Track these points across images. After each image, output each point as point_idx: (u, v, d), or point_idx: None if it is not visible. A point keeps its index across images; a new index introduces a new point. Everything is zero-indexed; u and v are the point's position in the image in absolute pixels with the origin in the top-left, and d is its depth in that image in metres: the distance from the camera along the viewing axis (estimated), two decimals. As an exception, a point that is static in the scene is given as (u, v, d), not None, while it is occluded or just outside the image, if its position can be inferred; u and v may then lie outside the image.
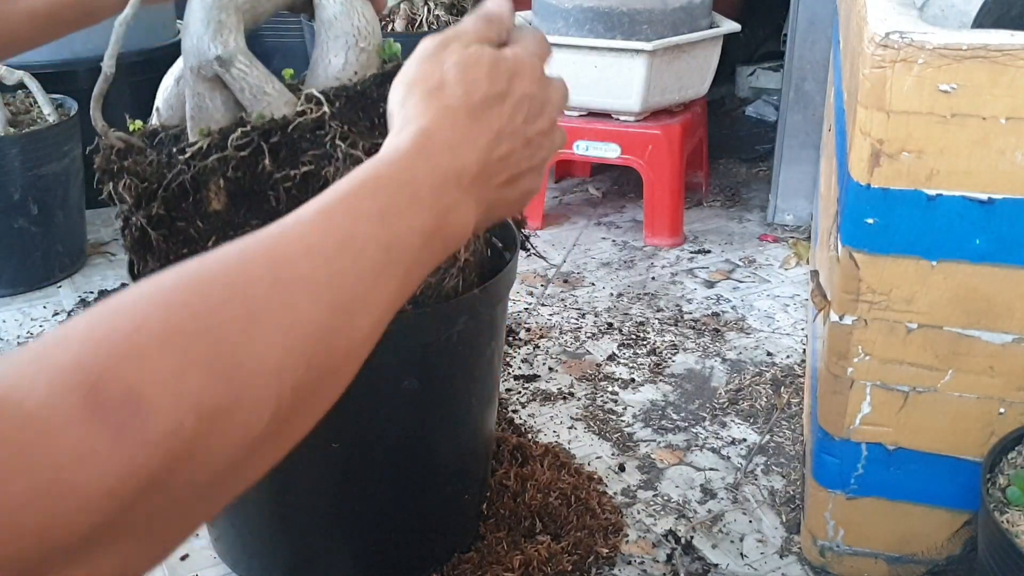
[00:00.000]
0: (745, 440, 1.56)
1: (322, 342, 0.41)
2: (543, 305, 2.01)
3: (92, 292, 2.08)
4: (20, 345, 1.85)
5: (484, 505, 1.34)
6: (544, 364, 1.79)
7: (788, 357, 1.80)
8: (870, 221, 1.06)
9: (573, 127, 2.25)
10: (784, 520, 1.38)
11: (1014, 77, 0.96)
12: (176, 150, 0.96)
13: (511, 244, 1.16)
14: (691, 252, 2.25)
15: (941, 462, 1.16)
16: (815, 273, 1.40)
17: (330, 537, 1.19)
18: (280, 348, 0.39)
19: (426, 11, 2.56)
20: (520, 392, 1.70)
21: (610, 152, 2.23)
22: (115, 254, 2.24)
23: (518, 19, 2.57)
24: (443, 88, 0.53)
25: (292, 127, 0.92)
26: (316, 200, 0.46)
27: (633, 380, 1.73)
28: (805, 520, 1.31)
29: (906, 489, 1.19)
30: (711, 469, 1.49)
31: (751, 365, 1.78)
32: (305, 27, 2.50)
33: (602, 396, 1.68)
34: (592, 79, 2.16)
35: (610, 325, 1.92)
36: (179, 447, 0.34)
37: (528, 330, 1.90)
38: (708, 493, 1.44)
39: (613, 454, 1.53)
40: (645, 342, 1.86)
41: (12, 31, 0.71)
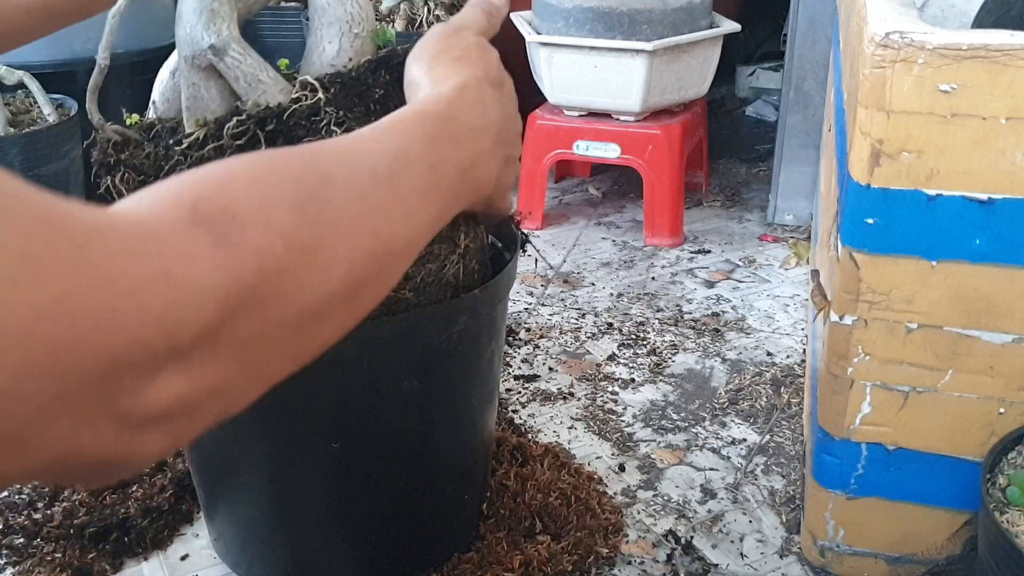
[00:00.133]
0: (745, 440, 1.56)
1: (386, 221, 0.46)
2: (543, 305, 2.01)
3: (92, 292, 2.08)
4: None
5: (484, 505, 1.34)
6: (544, 364, 1.79)
7: (788, 357, 1.80)
8: (870, 221, 1.06)
9: (573, 127, 2.25)
10: (784, 520, 1.38)
11: (1014, 77, 0.96)
12: (173, 142, 0.96)
13: (511, 244, 1.16)
14: (691, 252, 2.25)
15: (941, 462, 1.16)
16: (815, 273, 1.40)
17: (330, 537, 1.19)
18: (352, 212, 0.44)
19: (426, 11, 2.56)
20: (520, 392, 1.70)
21: (610, 152, 2.23)
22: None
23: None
24: (467, 59, 0.61)
25: (288, 114, 0.92)
26: (369, 126, 0.52)
27: (633, 380, 1.73)
28: (805, 520, 1.31)
29: (906, 489, 1.19)
30: (711, 469, 1.49)
31: (751, 365, 1.78)
32: (304, 23, 2.50)
33: (602, 396, 1.68)
34: (592, 79, 2.16)
35: (610, 325, 1.92)
36: (270, 267, 0.38)
37: (528, 330, 1.90)
38: (708, 493, 1.44)
39: (613, 454, 1.53)
40: (645, 342, 1.86)
41: (8, 24, 0.72)
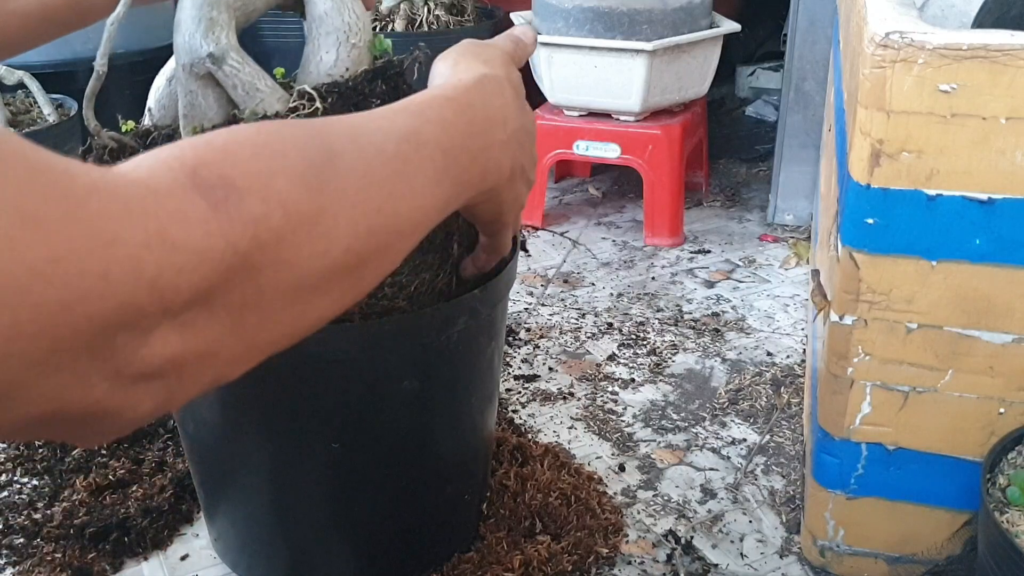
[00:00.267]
0: (745, 440, 1.56)
1: (390, 198, 0.46)
2: (543, 305, 2.01)
3: (92, 292, 2.08)
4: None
5: (484, 505, 1.34)
6: (544, 364, 1.79)
7: (788, 357, 1.80)
8: (870, 221, 1.06)
9: (573, 127, 2.25)
10: (784, 520, 1.38)
11: (1014, 77, 0.96)
12: None
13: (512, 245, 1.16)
14: (691, 252, 2.25)
15: (941, 462, 1.16)
16: (815, 273, 1.40)
17: (330, 537, 1.19)
18: (355, 186, 0.44)
19: (426, 11, 2.56)
20: (520, 392, 1.70)
21: (610, 152, 2.23)
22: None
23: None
24: (491, 63, 0.63)
25: None
26: (384, 107, 0.52)
27: (633, 380, 1.73)
28: (805, 520, 1.31)
29: (906, 489, 1.19)
30: (711, 469, 1.49)
31: (751, 365, 1.78)
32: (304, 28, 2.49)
33: (602, 396, 1.68)
34: (592, 79, 2.16)
35: (610, 325, 1.92)
36: (267, 236, 0.38)
37: (528, 330, 1.90)
38: (708, 493, 1.44)
39: (613, 454, 1.53)
40: (645, 342, 1.86)
41: (5, 32, 0.72)
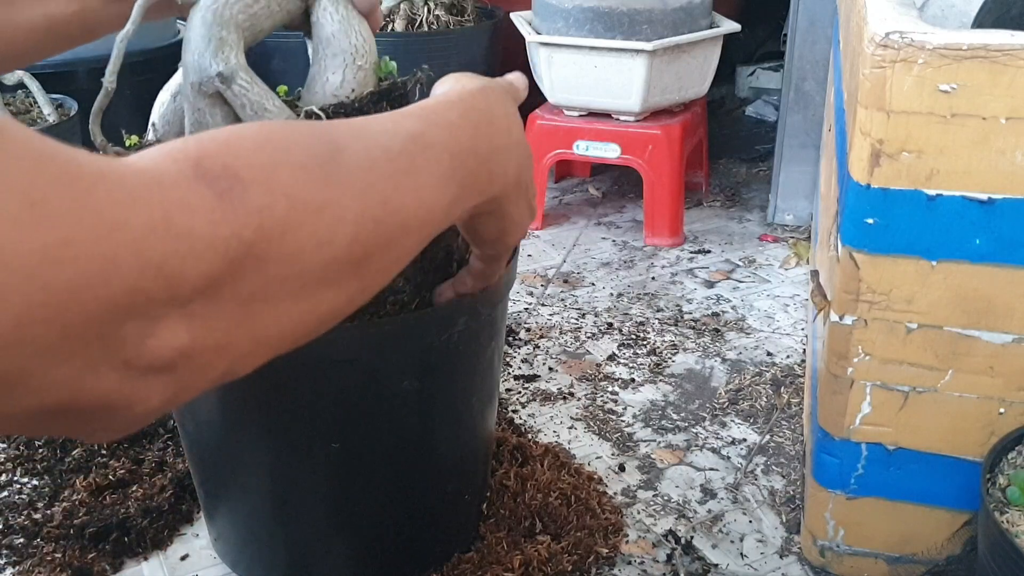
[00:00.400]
0: (745, 440, 1.56)
1: (396, 192, 0.46)
2: (543, 305, 2.01)
3: (92, 292, 2.08)
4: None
5: (484, 505, 1.34)
6: (544, 364, 1.79)
7: (788, 357, 1.80)
8: (870, 221, 1.06)
9: (573, 127, 2.25)
10: (784, 520, 1.38)
11: (1014, 77, 0.96)
12: None
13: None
14: (691, 252, 2.25)
15: (941, 462, 1.16)
16: (815, 273, 1.40)
17: (330, 537, 1.19)
18: (361, 179, 0.44)
19: (426, 11, 2.56)
20: (520, 392, 1.70)
21: (610, 152, 2.23)
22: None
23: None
24: (493, 84, 0.64)
25: None
26: (390, 112, 0.53)
27: (633, 380, 1.73)
28: (805, 520, 1.31)
29: (906, 489, 1.19)
30: (711, 469, 1.49)
31: (751, 365, 1.78)
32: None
33: (602, 396, 1.68)
34: (592, 79, 2.16)
35: (610, 325, 1.92)
36: (272, 225, 0.38)
37: (528, 330, 1.90)
38: (708, 493, 1.44)
39: (613, 454, 1.53)
40: (645, 342, 1.86)
41: (12, 46, 0.73)
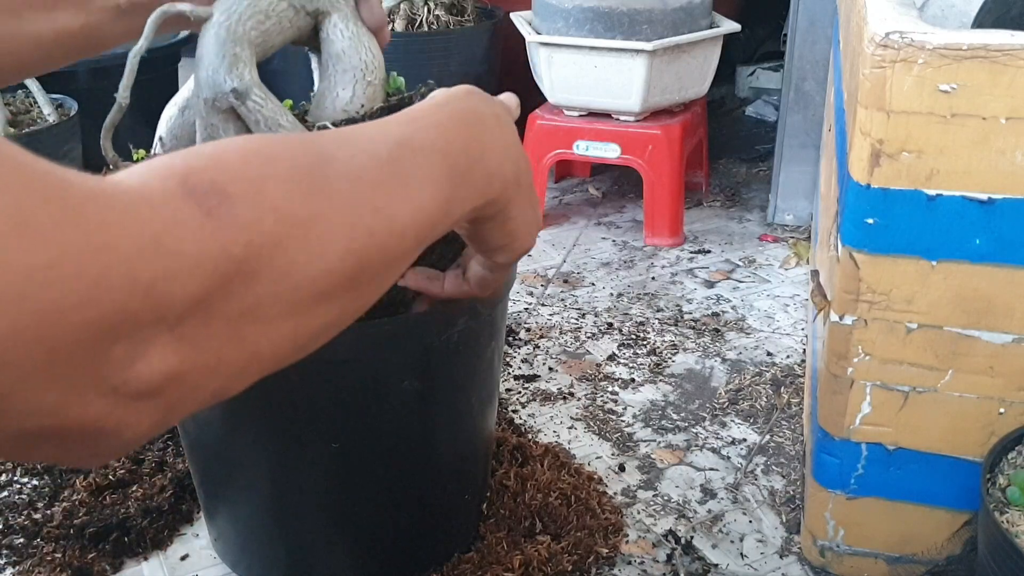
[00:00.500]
0: (745, 440, 1.56)
1: (388, 200, 0.45)
2: (543, 305, 2.01)
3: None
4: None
5: (484, 505, 1.34)
6: (544, 364, 1.79)
7: (788, 357, 1.80)
8: (870, 221, 1.06)
9: (573, 127, 2.25)
10: (784, 520, 1.38)
11: (1014, 77, 0.96)
12: None
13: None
14: (691, 252, 2.25)
15: (941, 462, 1.16)
16: (815, 273, 1.41)
17: (330, 537, 1.19)
18: (350, 189, 0.43)
19: (426, 11, 2.56)
20: (520, 392, 1.70)
21: (610, 152, 2.23)
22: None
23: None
24: (481, 91, 0.63)
25: None
26: (378, 119, 0.53)
27: (633, 380, 1.73)
28: (805, 520, 1.31)
29: (906, 489, 1.19)
30: (711, 469, 1.49)
31: (751, 365, 1.78)
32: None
33: (602, 396, 1.68)
34: (592, 79, 2.16)
35: (610, 325, 1.92)
36: (261, 241, 0.38)
37: (528, 330, 1.90)
38: (708, 493, 1.44)
39: (613, 454, 1.53)
40: (645, 342, 1.86)
41: (19, 57, 0.73)
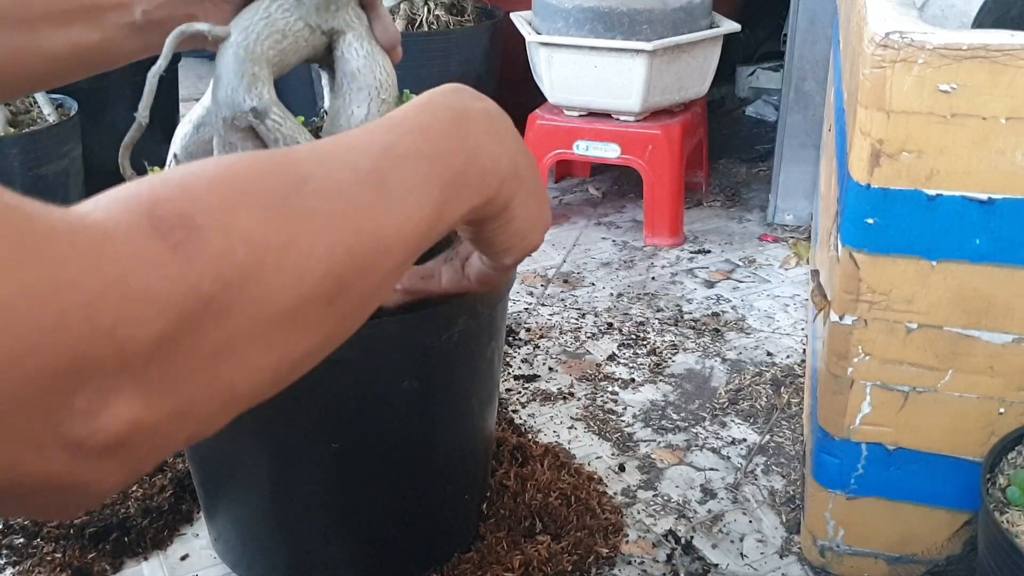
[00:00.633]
0: (745, 440, 1.56)
1: (371, 216, 0.44)
2: (543, 305, 2.01)
3: (92, 292, 2.08)
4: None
5: (484, 505, 1.34)
6: (544, 364, 1.79)
7: (788, 357, 1.80)
8: (870, 221, 1.06)
9: (573, 127, 2.25)
10: (784, 520, 1.38)
11: (1014, 77, 0.96)
12: None
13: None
14: (691, 252, 2.25)
15: (941, 462, 1.16)
16: (815, 273, 1.41)
17: (330, 537, 1.19)
18: (329, 209, 0.42)
19: (426, 11, 2.55)
20: (520, 392, 1.70)
21: (610, 152, 2.23)
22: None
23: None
24: (475, 92, 0.61)
25: None
26: (359, 127, 0.51)
27: (633, 380, 1.73)
28: (805, 520, 1.32)
29: (906, 489, 1.19)
30: (711, 469, 1.49)
31: (751, 365, 1.78)
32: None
33: (602, 396, 1.68)
34: (592, 79, 2.16)
35: (610, 325, 1.92)
36: (231, 274, 0.36)
37: (528, 330, 1.90)
38: (708, 493, 1.44)
39: (613, 454, 1.53)
40: (645, 342, 1.86)
41: (34, 71, 0.74)
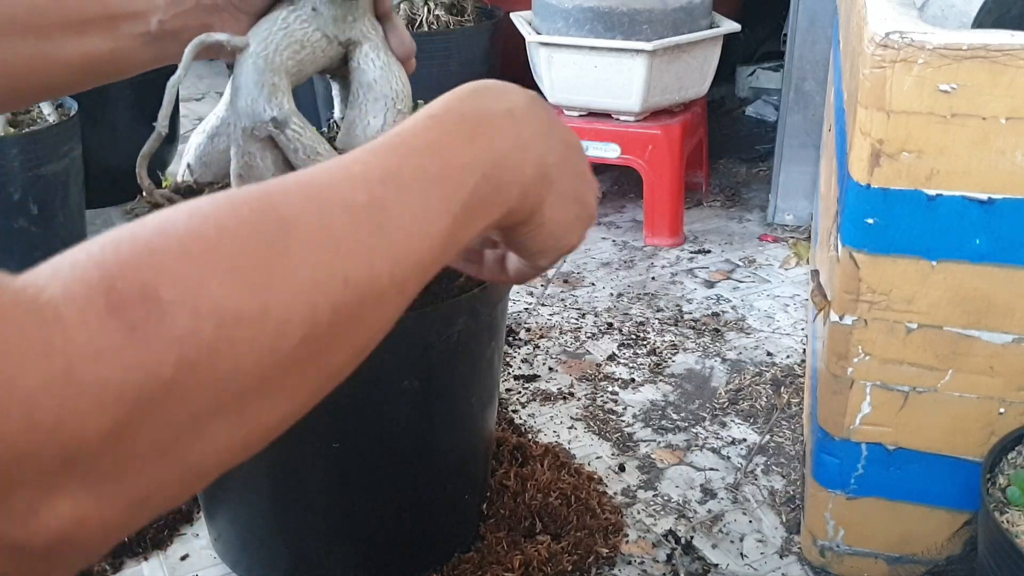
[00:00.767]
0: (745, 440, 1.56)
1: (362, 264, 0.40)
2: (543, 305, 2.01)
3: (92, 292, 2.09)
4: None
5: (484, 505, 1.34)
6: (544, 364, 1.79)
7: (788, 357, 1.80)
8: (870, 221, 1.06)
9: (573, 127, 2.25)
10: (784, 520, 1.38)
11: (1014, 77, 0.96)
12: None
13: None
14: (691, 252, 2.25)
15: (941, 462, 1.16)
16: (815, 273, 1.40)
17: (330, 537, 1.19)
18: (314, 262, 0.38)
19: (426, 11, 2.56)
20: (520, 392, 1.70)
21: (610, 152, 2.23)
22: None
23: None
24: (491, 82, 0.55)
25: None
26: (361, 147, 0.46)
27: (633, 380, 1.73)
28: (805, 520, 1.31)
29: (906, 489, 1.19)
30: (711, 469, 1.49)
31: (751, 365, 1.78)
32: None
33: (602, 396, 1.68)
34: (592, 79, 2.16)
35: (610, 325, 1.92)
36: (196, 354, 0.33)
37: (528, 330, 1.90)
38: (708, 493, 1.44)
39: (613, 454, 1.53)
40: (645, 342, 1.86)
41: (48, 79, 0.74)
